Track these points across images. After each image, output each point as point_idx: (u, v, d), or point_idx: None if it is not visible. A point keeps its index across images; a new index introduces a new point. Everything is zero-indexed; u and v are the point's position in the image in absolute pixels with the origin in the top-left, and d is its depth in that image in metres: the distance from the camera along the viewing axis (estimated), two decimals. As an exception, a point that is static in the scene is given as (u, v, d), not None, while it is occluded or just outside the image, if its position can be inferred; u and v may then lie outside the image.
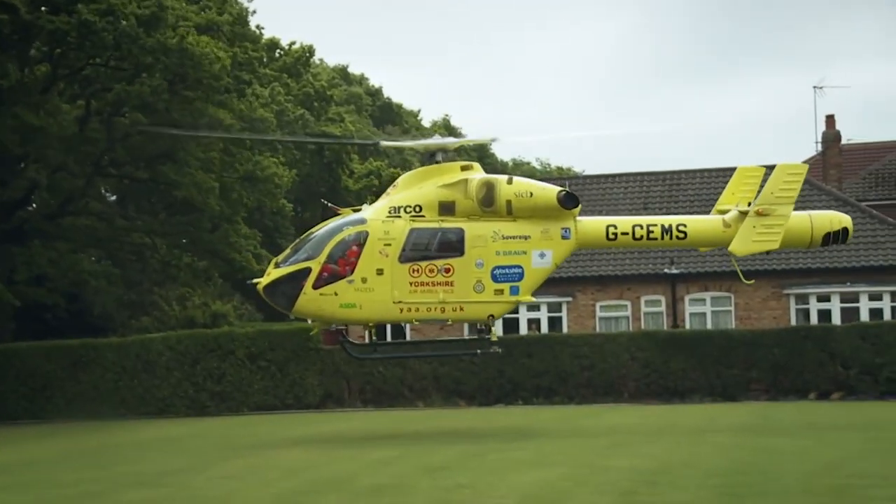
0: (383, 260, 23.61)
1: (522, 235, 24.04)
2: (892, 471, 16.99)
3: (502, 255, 23.95)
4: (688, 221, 25.20)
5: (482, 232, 23.91)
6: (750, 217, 24.38)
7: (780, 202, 24.27)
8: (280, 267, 24.20)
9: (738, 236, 24.51)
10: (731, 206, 25.05)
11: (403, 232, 23.73)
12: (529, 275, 24.12)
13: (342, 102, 65.71)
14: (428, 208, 23.96)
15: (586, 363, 35.39)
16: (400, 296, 23.73)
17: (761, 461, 18.71)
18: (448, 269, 23.78)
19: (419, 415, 33.38)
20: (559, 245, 24.28)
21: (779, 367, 34.09)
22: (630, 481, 16.74)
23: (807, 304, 37.47)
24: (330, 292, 23.64)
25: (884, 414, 27.81)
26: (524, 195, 23.92)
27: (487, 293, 23.91)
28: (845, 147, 53.38)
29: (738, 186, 25.24)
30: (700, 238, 25.26)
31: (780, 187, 24.28)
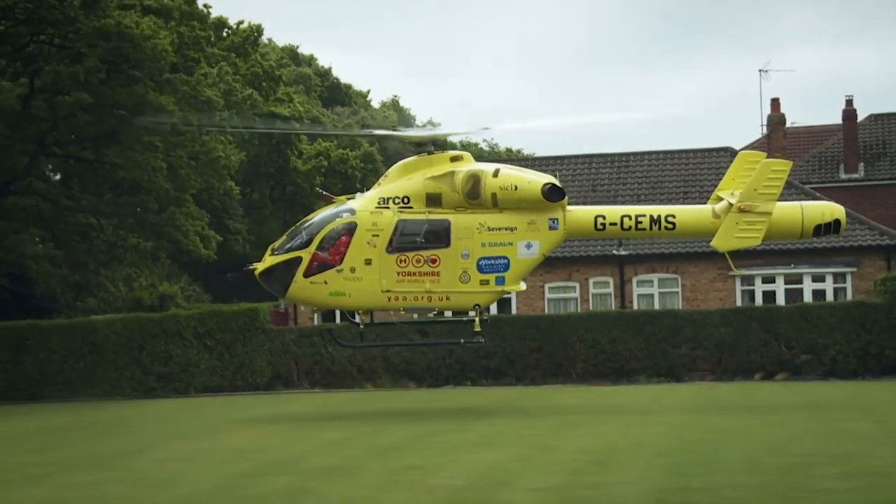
0: (371, 250, 24.07)
1: (508, 227, 24.27)
2: (835, 450, 17.22)
3: (488, 246, 24.25)
4: (676, 212, 25.27)
5: (468, 224, 24.22)
6: (732, 213, 24.32)
7: (762, 198, 24.18)
8: (275, 254, 24.75)
9: (720, 232, 24.54)
10: (730, 192, 24.90)
11: (391, 223, 24.15)
12: (515, 265, 24.42)
13: (291, 83, 65.24)
14: (416, 200, 24.32)
15: (535, 344, 35.50)
16: (387, 285, 24.19)
17: (707, 441, 18.90)
18: (434, 259, 24.14)
19: (368, 396, 33.36)
20: (547, 235, 24.49)
21: (724, 347, 34.43)
22: (578, 461, 16.85)
23: (752, 285, 37.87)
24: (320, 281, 24.19)
25: (827, 394, 28.19)
26: (509, 188, 24.10)
27: (473, 283, 24.29)
28: (790, 130, 53.99)
29: (739, 172, 25.10)
30: (689, 229, 25.38)
31: (764, 184, 24.21)
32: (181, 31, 41.82)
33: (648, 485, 14.51)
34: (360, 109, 77.23)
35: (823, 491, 13.66)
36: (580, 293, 38.96)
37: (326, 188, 28.71)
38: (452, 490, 14.70)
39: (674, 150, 43.88)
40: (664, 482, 14.71)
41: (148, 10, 39.21)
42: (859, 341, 33.39)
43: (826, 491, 13.64)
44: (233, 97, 50.04)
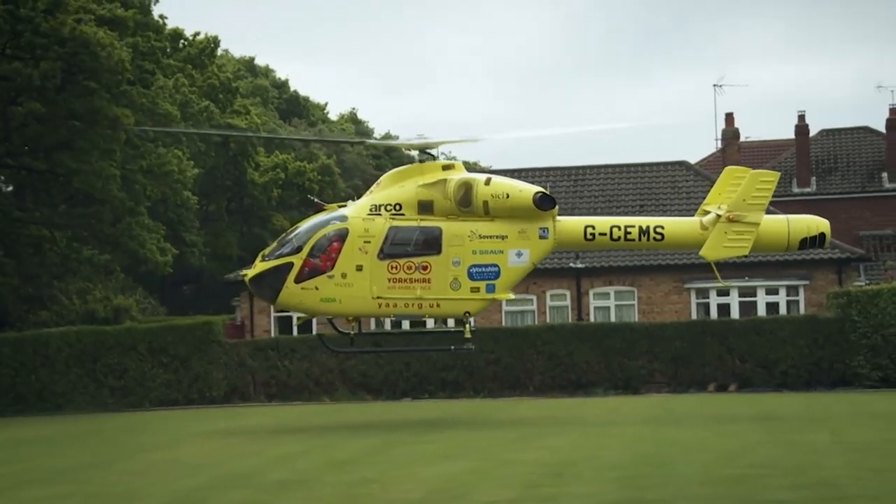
0: (363, 256, 24.14)
1: (499, 235, 24.44)
2: (787, 461, 17.44)
3: (479, 254, 24.39)
4: (665, 223, 25.50)
5: (459, 231, 24.37)
6: (721, 223, 24.54)
7: (751, 209, 24.43)
8: (266, 260, 24.77)
9: (708, 242, 24.74)
10: (717, 205, 25.11)
11: (383, 230, 24.24)
12: (506, 273, 24.56)
13: (248, 94, 65.08)
14: (407, 207, 24.44)
15: (492, 357, 35.62)
16: (378, 291, 24.26)
17: (662, 452, 19.06)
18: (426, 266, 24.24)
19: (325, 409, 33.32)
20: (537, 244, 24.66)
21: (680, 359, 34.74)
22: (534, 474, 16.95)
23: (707, 298, 38.24)
24: (311, 287, 24.18)
25: (779, 406, 28.50)
26: (500, 196, 24.27)
27: (464, 291, 24.40)
28: (744, 144, 54.62)
29: (725, 187, 25.32)
30: (677, 240, 25.58)
31: (752, 194, 24.46)
32: (136, 41, 41.62)
33: (604, 497, 14.64)
34: (317, 122, 77.12)
35: (775, 502, 13.85)
36: (537, 306, 39.15)
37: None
38: (409, 503, 14.75)
39: (630, 163, 44.27)
40: (619, 494, 14.85)
41: (103, 20, 39.00)
42: (811, 356, 33.81)
43: (778, 502, 13.83)
44: (189, 109, 49.86)
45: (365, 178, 73.24)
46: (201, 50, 53.20)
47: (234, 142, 56.21)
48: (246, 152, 57.46)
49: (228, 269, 48.20)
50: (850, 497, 13.96)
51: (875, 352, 33.10)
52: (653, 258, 38.49)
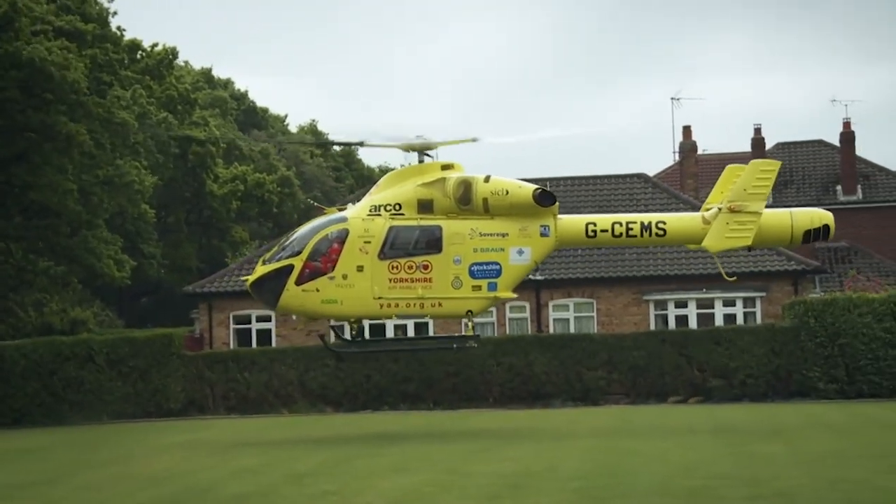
0: (363, 257, 23.99)
1: (500, 233, 24.35)
2: (745, 472, 17.57)
3: (479, 251, 24.26)
4: (667, 219, 25.42)
5: (460, 229, 24.26)
6: (723, 214, 24.45)
7: (752, 198, 24.33)
8: (267, 264, 24.55)
9: (710, 233, 24.57)
10: (713, 204, 25.13)
11: (383, 230, 24.12)
12: (507, 271, 24.42)
13: (206, 106, 64.80)
14: (407, 206, 24.33)
15: (452, 369, 35.64)
16: (380, 292, 24.09)
17: (621, 464, 19.13)
18: (426, 265, 24.12)
19: (285, 422, 33.16)
20: (538, 242, 24.56)
21: (639, 370, 34.90)
22: (494, 486, 16.96)
23: (665, 309, 38.45)
24: (312, 289, 23.98)
25: (737, 417, 28.69)
26: (500, 193, 24.21)
27: (465, 289, 24.25)
28: (701, 157, 54.98)
29: (726, 185, 25.21)
30: (679, 235, 25.41)
31: (753, 184, 24.39)
32: (94, 53, 41.34)
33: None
34: (277, 133, 76.94)
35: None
36: (497, 318, 39.16)
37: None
38: (369, 516, 14.72)
39: (589, 176, 44.44)
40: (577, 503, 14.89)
41: (60, 32, 38.73)
42: (769, 365, 34.11)
43: (736, 512, 13.95)
44: (147, 120, 49.56)
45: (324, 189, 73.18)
46: (159, 61, 52.91)
47: (193, 153, 55.94)
48: (205, 164, 57.20)
49: (187, 281, 47.92)
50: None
51: (830, 363, 33.41)
52: (612, 270, 38.68)
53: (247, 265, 41.96)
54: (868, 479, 16.36)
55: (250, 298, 39.80)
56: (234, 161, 62.27)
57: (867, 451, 19.82)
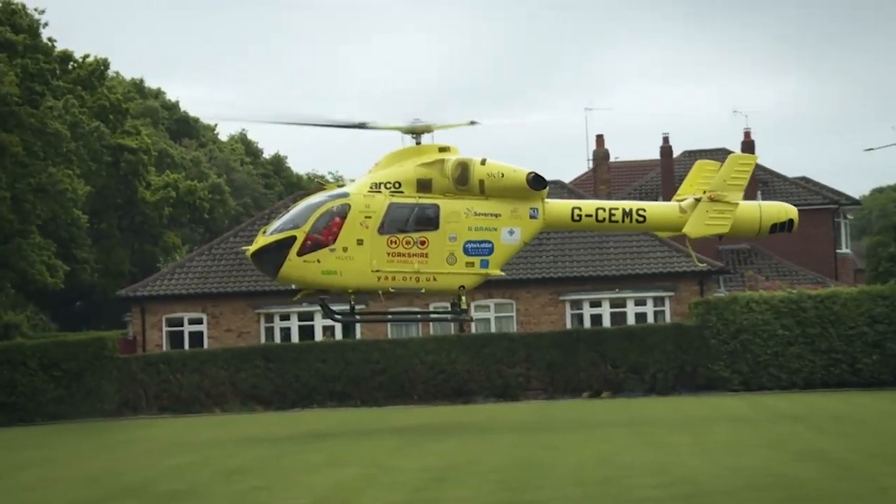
0: (364, 231, 23.89)
1: (493, 213, 24.45)
2: (653, 461, 17.84)
3: (474, 230, 24.35)
4: (647, 207, 25.86)
5: (456, 208, 24.28)
6: (703, 202, 24.95)
7: (730, 189, 24.93)
8: (267, 235, 24.28)
9: (691, 220, 25.03)
10: (686, 196, 25.60)
11: (383, 206, 24.01)
12: (499, 250, 24.56)
13: (138, 115, 63.97)
14: (407, 185, 24.28)
15: (378, 367, 35.68)
16: (378, 265, 23.99)
17: (539, 456, 19.33)
18: (423, 241, 24.12)
19: (216, 420, 32.91)
20: (527, 224, 24.73)
21: (555, 367, 35.23)
22: (419, 479, 17.03)
23: (581, 309, 38.83)
24: (313, 260, 23.80)
25: (648, 410, 29.10)
26: (496, 175, 24.33)
27: (459, 265, 24.30)
28: (613, 165, 55.58)
29: (696, 178, 25.84)
30: (657, 222, 25.78)
31: (732, 175, 24.98)
32: (25, 63, 40.64)
33: (484, 499, 14.80)
34: (207, 142, 76.20)
35: (642, 499, 14.19)
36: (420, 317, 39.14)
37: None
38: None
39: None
40: (499, 496, 15.03)
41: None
42: (677, 360, 34.66)
43: (644, 499, 14.17)
44: (79, 129, 48.82)
45: (254, 196, 72.69)
46: (91, 72, 52.09)
47: (125, 161, 55.22)
48: (137, 172, 56.48)
49: (120, 286, 47.30)
50: (708, 493, 14.39)
51: (734, 357, 34.06)
52: (530, 272, 38.94)
53: (178, 269, 41.62)
54: (767, 466, 16.72)
55: (183, 301, 39.82)
56: (165, 169, 61.57)
57: (767, 441, 20.24)
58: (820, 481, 15.02)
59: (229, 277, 40.32)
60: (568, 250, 39.36)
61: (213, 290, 39.90)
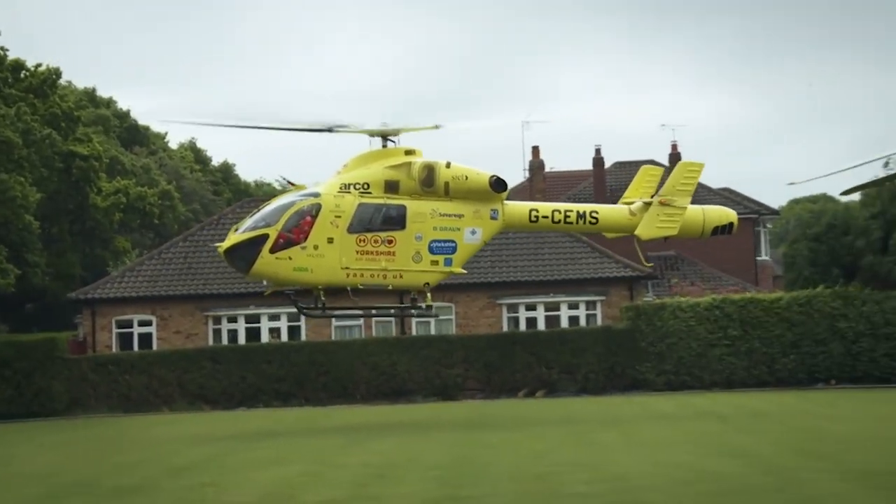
0: (334, 230, 23.87)
1: (457, 214, 24.55)
2: (586, 458, 17.92)
3: (439, 230, 24.43)
4: (599, 209, 26.14)
5: (422, 209, 24.36)
6: (654, 206, 25.34)
7: (679, 194, 25.40)
8: (239, 233, 24.05)
9: (643, 223, 25.35)
10: (634, 199, 25.89)
11: (352, 206, 24.02)
12: (462, 249, 24.68)
13: (90, 123, 63.01)
14: (375, 186, 24.29)
15: (322, 368, 35.52)
16: (347, 262, 23.99)
17: (477, 453, 19.31)
18: (391, 240, 24.15)
19: (165, 419, 32.50)
20: (488, 224, 24.85)
21: (492, 368, 35.29)
22: (361, 475, 16.94)
23: (517, 312, 38.93)
24: (285, 257, 23.72)
25: (580, 409, 29.26)
26: (460, 178, 24.46)
27: (424, 263, 24.38)
28: (549, 175, 55.82)
29: (641, 183, 26.21)
30: (609, 224, 26.01)
31: (681, 181, 25.47)
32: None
33: (424, 495, 14.75)
34: (158, 150, 75.34)
35: (575, 495, 14.22)
36: (363, 321, 39.03)
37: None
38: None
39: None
40: (437, 492, 14.98)
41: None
42: (607, 361, 34.89)
43: (577, 495, 14.21)
44: (31, 136, 47.97)
45: (203, 202, 71.98)
46: (43, 80, 51.24)
47: (76, 168, 54.37)
48: (88, 178, 55.62)
49: (71, 288, 46.51)
50: (637, 488, 14.47)
51: (660, 358, 34.39)
52: (469, 276, 38.91)
53: (128, 273, 41.08)
54: (691, 462, 16.87)
55: (132, 304, 39.29)
56: (116, 175, 60.73)
57: (691, 438, 20.43)
58: (742, 476, 15.18)
59: (178, 281, 39.88)
60: (505, 256, 39.45)
61: (162, 293, 39.45)
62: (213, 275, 39.95)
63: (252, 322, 38.89)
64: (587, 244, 40.04)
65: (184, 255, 40.97)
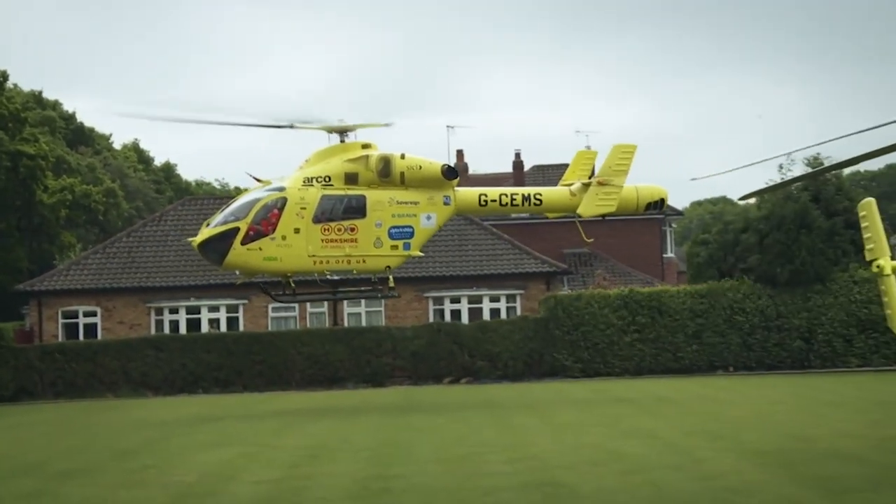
0: (300, 221, 23.90)
1: (413, 201, 24.63)
2: (506, 440, 18.08)
3: (397, 217, 24.51)
4: (542, 192, 26.35)
5: (380, 198, 24.41)
6: (593, 186, 25.63)
7: (615, 174, 25.69)
8: (211, 227, 23.94)
9: (584, 202, 25.66)
10: (573, 181, 26.25)
11: (316, 198, 24.07)
12: (419, 233, 24.76)
13: (36, 124, 61.55)
14: (336, 178, 24.37)
15: (259, 357, 35.23)
16: (313, 251, 24.02)
17: (404, 436, 19.37)
18: (353, 228, 24.23)
19: (109, 405, 31.96)
20: (442, 210, 24.97)
21: (419, 356, 35.32)
22: (296, 456, 16.90)
23: (442, 305, 39.01)
24: (255, 248, 23.70)
25: (501, 394, 29.43)
26: (415, 167, 24.58)
27: (385, 248, 24.47)
28: (472, 177, 55.95)
29: (578, 166, 26.64)
30: (552, 204, 26.29)
31: (616, 162, 25.74)
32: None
33: (354, 474, 14.77)
34: (102, 150, 73.93)
35: (494, 474, 14.36)
36: (299, 313, 38.86)
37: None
38: (184, 486, 14.43)
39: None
40: (367, 471, 15.02)
41: None
42: (525, 349, 35.14)
43: (496, 474, 14.34)
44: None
45: (146, 200, 70.84)
46: (-11, 83, 50.02)
47: (23, 166, 53.15)
48: (35, 176, 54.37)
49: (19, 281, 45.41)
50: (552, 468, 14.65)
51: (575, 347, 34.72)
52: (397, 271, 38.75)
53: (74, 266, 40.29)
54: (602, 443, 17.12)
55: (78, 296, 38.56)
56: (62, 174, 59.48)
57: (603, 421, 20.71)
58: (647, 456, 15.45)
59: (122, 274, 39.25)
60: (431, 252, 39.42)
61: (107, 285, 38.78)
62: (155, 268, 39.44)
63: (193, 313, 38.46)
64: (508, 242, 40.26)
65: (127, 249, 40.35)
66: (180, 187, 79.27)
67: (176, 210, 43.26)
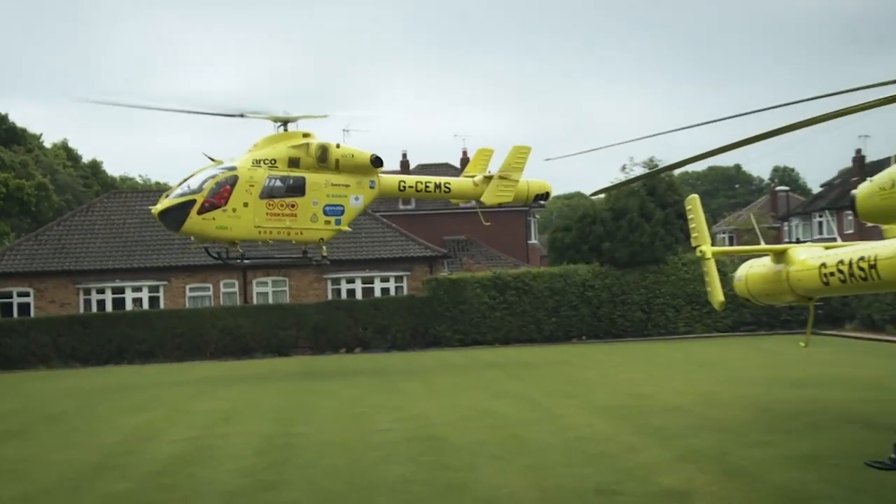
0: (248, 196, 23.86)
1: (344, 184, 24.78)
2: (393, 402, 18.14)
3: (331, 196, 24.66)
4: (451, 181, 26.76)
5: (318, 180, 24.50)
6: (495, 179, 26.29)
7: (513, 170, 26.39)
8: (170, 198, 23.59)
9: (487, 192, 26.27)
10: (475, 174, 26.73)
11: (263, 177, 24.00)
12: (348, 211, 24.94)
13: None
14: (280, 161, 24.32)
15: (178, 331, 34.42)
16: (259, 222, 24.02)
17: (306, 399, 19.25)
18: (293, 204, 24.28)
19: (41, 375, 30.76)
20: (368, 192, 25.16)
21: (319, 329, 35.08)
22: (211, 418, 16.62)
23: (339, 285, 38.82)
24: (210, 218, 23.58)
25: (388, 362, 29.49)
26: (348, 156, 24.79)
27: (320, 223, 24.59)
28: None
29: (479, 161, 27.16)
30: (460, 192, 26.69)
31: (515, 160, 26.45)
32: None
33: (261, 432, 14.63)
34: (34, 148, 70.81)
35: (383, 430, 14.41)
36: (213, 292, 38.15)
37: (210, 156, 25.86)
38: (109, 445, 14.03)
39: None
40: (273, 429, 14.88)
41: None
42: (411, 323, 35.27)
43: (385, 430, 14.39)
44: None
45: (75, 193, 68.20)
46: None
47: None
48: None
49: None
50: (433, 424, 14.79)
51: (454, 320, 35.02)
52: (300, 256, 38.53)
53: (8, 252, 38.59)
54: (476, 403, 17.33)
55: (12, 278, 36.98)
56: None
57: (476, 384, 20.94)
58: (514, 413, 15.73)
59: (53, 259, 37.79)
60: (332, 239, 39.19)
61: (39, 269, 37.28)
62: (83, 254, 38.13)
63: (118, 293, 37.34)
64: (396, 230, 40.29)
65: (58, 237, 38.87)
66: (106, 182, 76.65)
67: (102, 202, 41.89)
